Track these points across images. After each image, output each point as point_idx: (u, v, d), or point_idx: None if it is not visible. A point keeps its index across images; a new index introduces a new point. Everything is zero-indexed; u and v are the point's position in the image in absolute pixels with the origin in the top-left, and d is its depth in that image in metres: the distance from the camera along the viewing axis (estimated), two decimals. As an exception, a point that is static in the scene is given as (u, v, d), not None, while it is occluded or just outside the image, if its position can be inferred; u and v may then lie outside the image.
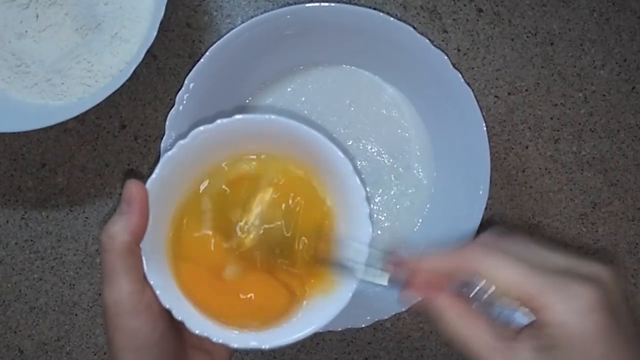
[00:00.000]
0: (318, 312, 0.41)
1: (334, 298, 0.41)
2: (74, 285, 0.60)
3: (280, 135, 0.41)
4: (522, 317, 0.37)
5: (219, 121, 0.38)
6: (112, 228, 0.36)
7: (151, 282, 0.37)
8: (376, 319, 0.53)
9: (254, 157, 0.42)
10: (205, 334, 0.37)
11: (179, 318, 0.37)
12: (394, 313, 0.53)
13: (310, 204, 0.42)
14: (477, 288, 0.37)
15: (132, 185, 0.36)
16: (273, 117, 0.39)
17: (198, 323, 0.37)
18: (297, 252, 0.42)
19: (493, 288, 0.37)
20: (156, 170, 0.37)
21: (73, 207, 0.60)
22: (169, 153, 0.37)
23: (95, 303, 0.60)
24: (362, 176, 0.55)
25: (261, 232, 0.41)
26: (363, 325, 0.53)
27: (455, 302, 0.38)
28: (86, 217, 0.60)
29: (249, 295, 0.41)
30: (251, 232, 0.41)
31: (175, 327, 0.38)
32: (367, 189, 0.49)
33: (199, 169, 0.41)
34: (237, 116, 0.39)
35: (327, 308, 0.41)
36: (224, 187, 0.42)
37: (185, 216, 0.41)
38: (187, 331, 0.38)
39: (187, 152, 0.38)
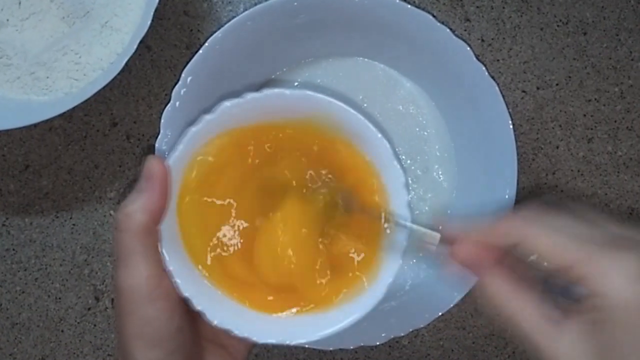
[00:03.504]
0: (356, 299, 0.41)
1: (375, 281, 0.41)
2: (60, 298, 0.60)
3: (312, 113, 0.41)
4: (579, 290, 0.37)
5: (248, 96, 0.39)
6: (130, 206, 0.36)
7: (170, 268, 0.37)
8: (392, 336, 0.53)
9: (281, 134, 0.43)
10: (227, 327, 0.37)
11: (198, 308, 0.37)
12: (411, 329, 0.53)
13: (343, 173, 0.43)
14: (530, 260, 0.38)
15: (153, 161, 0.37)
16: (309, 92, 0.40)
17: (218, 315, 0.38)
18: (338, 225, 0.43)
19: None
20: (179, 147, 0.38)
21: (59, 212, 0.60)
22: (194, 128, 0.38)
23: (83, 319, 0.60)
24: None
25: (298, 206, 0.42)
26: (377, 343, 0.53)
27: (502, 275, 0.39)
28: (73, 224, 0.60)
29: (280, 277, 0.41)
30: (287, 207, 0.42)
31: (191, 317, 0.38)
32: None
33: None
34: (267, 91, 0.39)
35: (368, 292, 0.41)
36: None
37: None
38: (202, 322, 0.38)
39: (213, 128, 0.38)
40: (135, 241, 0.35)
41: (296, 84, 0.56)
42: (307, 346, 0.53)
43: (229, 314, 0.39)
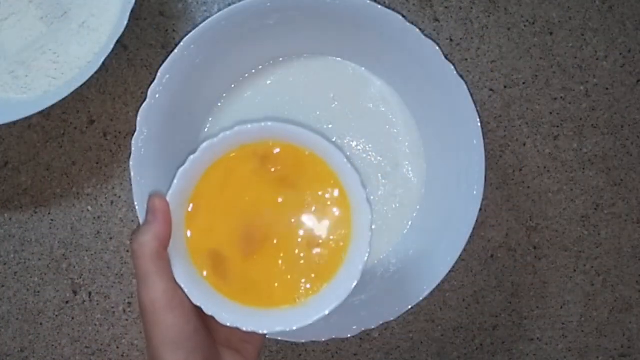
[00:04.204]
0: (336, 285, 0.45)
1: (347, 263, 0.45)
2: (38, 292, 0.60)
3: (286, 141, 0.46)
4: None
5: (221, 135, 0.44)
6: (142, 237, 0.41)
7: (180, 282, 0.42)
8: (363, 329, 0.53)
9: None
10: (236, 325, 0.42)
11: (209, 313, 0.42)
12: (381, 322, 0.53)
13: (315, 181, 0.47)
14: None
15: (155, 199, 0.42)
16: (270, 123, 0.45)
17: (227, 316, 0.43)
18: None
19: None
20: (174, 183, 0.43)
21: (38, 208, 0.60)
22: (182, 168, 0.43)
23: (61, 312, 0.60)
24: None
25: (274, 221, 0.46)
26: (349, 335, 0.53)
27: None
28: (52, 220, 0.60)
29: (267, 278, 0.46)
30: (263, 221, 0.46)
31: (207, 325, 0.43)
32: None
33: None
34: (237, 128, 0.44)
35: (343, 276, 0.45)
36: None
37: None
38: (216, 330, 0.44)
39: (198, 164, 0.44)
40: (150, 264, 0.41)
41: (269, 82, 0.57)
42: (279, 338, 0.54)
43: (234, 313, 0.43)
